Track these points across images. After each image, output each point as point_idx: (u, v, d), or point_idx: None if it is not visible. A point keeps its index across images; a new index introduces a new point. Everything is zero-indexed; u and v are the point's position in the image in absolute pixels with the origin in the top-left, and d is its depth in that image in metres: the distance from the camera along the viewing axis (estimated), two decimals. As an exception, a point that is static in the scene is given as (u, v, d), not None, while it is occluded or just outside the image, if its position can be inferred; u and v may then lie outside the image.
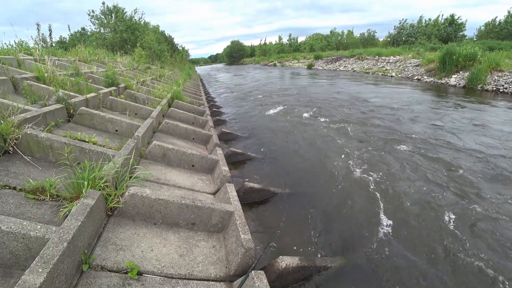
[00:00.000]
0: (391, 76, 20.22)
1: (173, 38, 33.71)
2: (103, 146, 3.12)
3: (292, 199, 3.66)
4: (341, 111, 8.43)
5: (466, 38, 37.59)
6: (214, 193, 3.25)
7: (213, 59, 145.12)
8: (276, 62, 47.08)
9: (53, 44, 16.65)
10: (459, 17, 38.02)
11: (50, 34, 15.61)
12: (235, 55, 79.58)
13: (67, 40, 25.61)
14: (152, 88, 7.93)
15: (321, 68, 31.85)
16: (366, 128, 6.48)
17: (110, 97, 5.20)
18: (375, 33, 50.91)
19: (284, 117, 8.25)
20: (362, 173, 4.25)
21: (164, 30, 30.40)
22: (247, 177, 4.28)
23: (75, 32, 26.51)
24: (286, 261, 2.15)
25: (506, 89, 12.06)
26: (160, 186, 2.97)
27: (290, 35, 65.96)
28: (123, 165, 2.51)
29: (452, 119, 7.37)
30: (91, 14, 22.04)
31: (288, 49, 61.90)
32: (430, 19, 40.66)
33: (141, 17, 24.52)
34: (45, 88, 4.20)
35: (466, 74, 14.34)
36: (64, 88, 4.61)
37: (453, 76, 15.31)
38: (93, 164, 2.18)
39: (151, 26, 25.42)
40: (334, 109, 8.78)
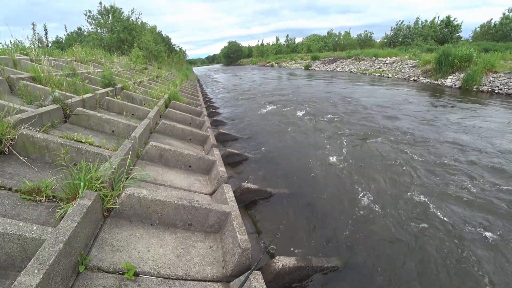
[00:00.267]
0: (388, 77, 20.33)
1: (170, 39, 33.65)
2: (100, 146, 3.11)
3: (289, 199, 3.68)
4: (337, 112, 8.46)
5: (462, 39, 37.93)
6: (211, 194, 3.25)
7: (211, 59, 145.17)
8: (274, 63, 47.17)
9: (49, 44, 16.56)
10: (455, 19, 38.34)
11: (45, 34, 15.54)
12: (233, 55, 79.60)
13: (63, 40, 25.45)
14: (149, 89, 7.91)
15: (318, 69, 31.95)
16: (361, 129, 6.51)
17: (107, 97, 5.19)
18: (372, 34, 51.23)
19: (281, 117, 8.27)
20: (357, 172, 4.28)
21: (161, 31, 30.34)
22: (244, 177, 4.28)
23: (72, 32, 26.36)
24: (283, 262, 2.16)
25: (501, 90, 12.16)
26: (157, 187, 2.97)
27: (287, 36, 66.17)
28: (119, 166, 2.51)
29: (438, 117, 7.63)
30: (88, 14, 21.97)
31: (285, 50, 62.09)
32: (427, 21, 40.98)
33: (138, 18, 24.50)
34: (41, 89, 4.18)
35: (462, 75, 14.44)
36: (61, 89, 4.59)
37: (449, 77, 15.42)
38: (90, 165, 2.17)
39: (148, 27, 25.37)
40: (330, 110, 8.81)
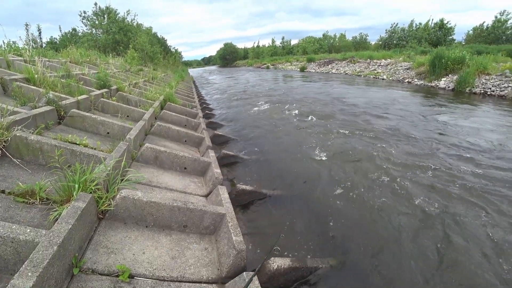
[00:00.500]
0: (383, 79, 20.54)
1: (166, 40, 33.60)
2: (94, 148, 3.10)
3: (284, 200, 3.70)
4: (331, 113, 8.55)
5: (455, 42, 38.52)
6: (206, 196, 3.26)
7: (206, 61, 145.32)
8: (269, 64, 47.33)
9: (43, 44, 16.41)
10: (448, 22, 38.94)
11: (39, 35, 15.40)
12: (228, 57, 79.65)
13: (57, 41, 25.23)
14: (144, 90, 7.88)
15: (314, 71, 32.14)
16: (354, 129, 6.57)
17: (102, 99, 5.16)
18: (367, 37, 51.78)
19: (275, 118, 8.31)
20: (350, 171, 4.32)
21: (156, 32, 30.27)
22: (239, 179, 4.29)
23: (66, 32, 26.13)
24: (278, 263, 2.17)
25: (493, 92, 12.36)
26: (152, 189, 2.97)
27: (283, 38, 66.56)
28: (114, 168, 2.50)
29: (426, 117, 7.93)
30: (83, 15, 21.80)
31: (281, 52, 62.40)
32: (421, 23, 41.57)
33: (134, 19, 24.38)
34: (35, 90, 4.14)
35: (455, 77, 14.66)
36: (55, 90, 4.55)
37: (442, 79, 15.64)
38: (84, 167, 2.17)
39: (144, 28, 25.27)
40: (324, 111, 8.88)
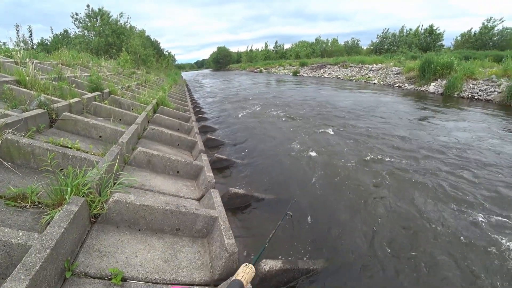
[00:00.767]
0: (374, 83, 20.93)
1: (159, 43, 33.56)
2: (87, 152, 3.09)
3: (276, 203, 3.74)
4: (323, 117, 8.67)
5: (444, 47, 39.54)
6: (198, 199, 3.28)
7: (199, 64, 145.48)
8: (262, 68, 47.67)
9: (34, 46, 16.18)
10: (437, 28, 40.00)
11: (30, 36, 15.20)
12: (222, 61, 79.90)
13: (48, 43, 24.92)
14: (137, 94, 7.86)
15: (306, 75, 32.50)
16: (345, 133, 6.68)
17: (94, 102, 5.13)
18: (359, 41, 52.80)
19: (268, 122, 8.40)
20: (340, 173, 4.40)
21: (150, 35, 30.21)
22: (232, 182, 4.33)
23: (57, 34, 25.85)
24: (269, 264, 2.21)
25: (480, 96, 12.76)
26: (145, 193, 2.98)
27: (276, 42, 67.29)
28: (107, 172, 2.51)
29: (410, 120, 8.39)
30: (75, 17, 21.63)
31: (274, 56, 62.91)
32: (411, 29, 42.58)
33: (127, 21, 24.30)
34: (26, 92, 4.11)
35: (444, 82, 15.07)
36: (46, 93, 4.52)
37: (432, 83, 16.06)
38: (77, 171, 2.17)
39: (137, 31, 25.20)
40: (316, 115, 9.01)
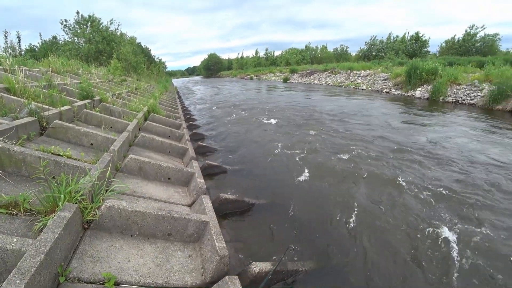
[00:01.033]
0: (362, 89, 21.43)
1: (150, 50, 33.54)
2: (78, 159, 3.12)
3: (265, 208, 3.82)
4: (312, 123, 8.85)
5: (430, 53, 40.78)
6: (190, 205, 3.33)
7: (190, 71, 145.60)
8: (253, 75, 48.11)
9: (22, 52, 15.98)
10: (423, 35, 41.27)
11: (19, 42, 15.03)
12: (213, 68, 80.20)
13: (37, 49, 24.59)
14: (128, 101, 7.87)
15: (296, 81, 32.97)
16: (334, 139, 6.85)
17: (85, 110, 5.15)
18: (347, 48, 53.95)
19: (257, 128, 8.53)
20: (329, 178, 4.52)
21: (140, 42, 30.20)
22: (223, 188, 4.38)
23: (46, 40, 25.55)
24: (259, 267, 2.28)
25: (464, 100, 13.25)
26: (137, 199, 3.02)
27: (266, 49, 68.19)
28: (99, 179, 2.55)
29: (391, 123, 8.86)
30: (64, 23, 21.47)
31: (264, 63, 63.64)
32: (398, 36, 43.80)
33: (117, 28, 24.26)
34: (16, 100, 4.10)
35: (429, 87, 15.58)
36: (37, 101, 4.52)
37: (418, 89, 16.59)
38: (69, 178, 2.21)
39: (127, 38, 25.16)
40: (305, 121, 9.19)
